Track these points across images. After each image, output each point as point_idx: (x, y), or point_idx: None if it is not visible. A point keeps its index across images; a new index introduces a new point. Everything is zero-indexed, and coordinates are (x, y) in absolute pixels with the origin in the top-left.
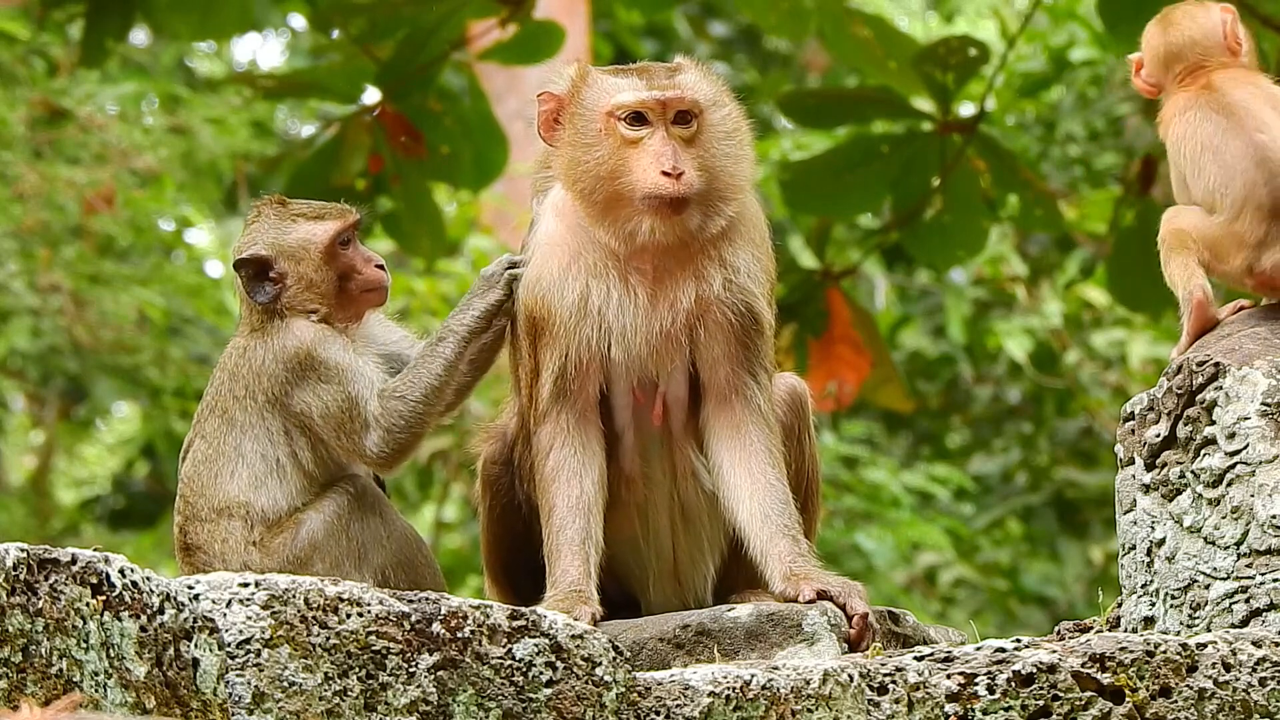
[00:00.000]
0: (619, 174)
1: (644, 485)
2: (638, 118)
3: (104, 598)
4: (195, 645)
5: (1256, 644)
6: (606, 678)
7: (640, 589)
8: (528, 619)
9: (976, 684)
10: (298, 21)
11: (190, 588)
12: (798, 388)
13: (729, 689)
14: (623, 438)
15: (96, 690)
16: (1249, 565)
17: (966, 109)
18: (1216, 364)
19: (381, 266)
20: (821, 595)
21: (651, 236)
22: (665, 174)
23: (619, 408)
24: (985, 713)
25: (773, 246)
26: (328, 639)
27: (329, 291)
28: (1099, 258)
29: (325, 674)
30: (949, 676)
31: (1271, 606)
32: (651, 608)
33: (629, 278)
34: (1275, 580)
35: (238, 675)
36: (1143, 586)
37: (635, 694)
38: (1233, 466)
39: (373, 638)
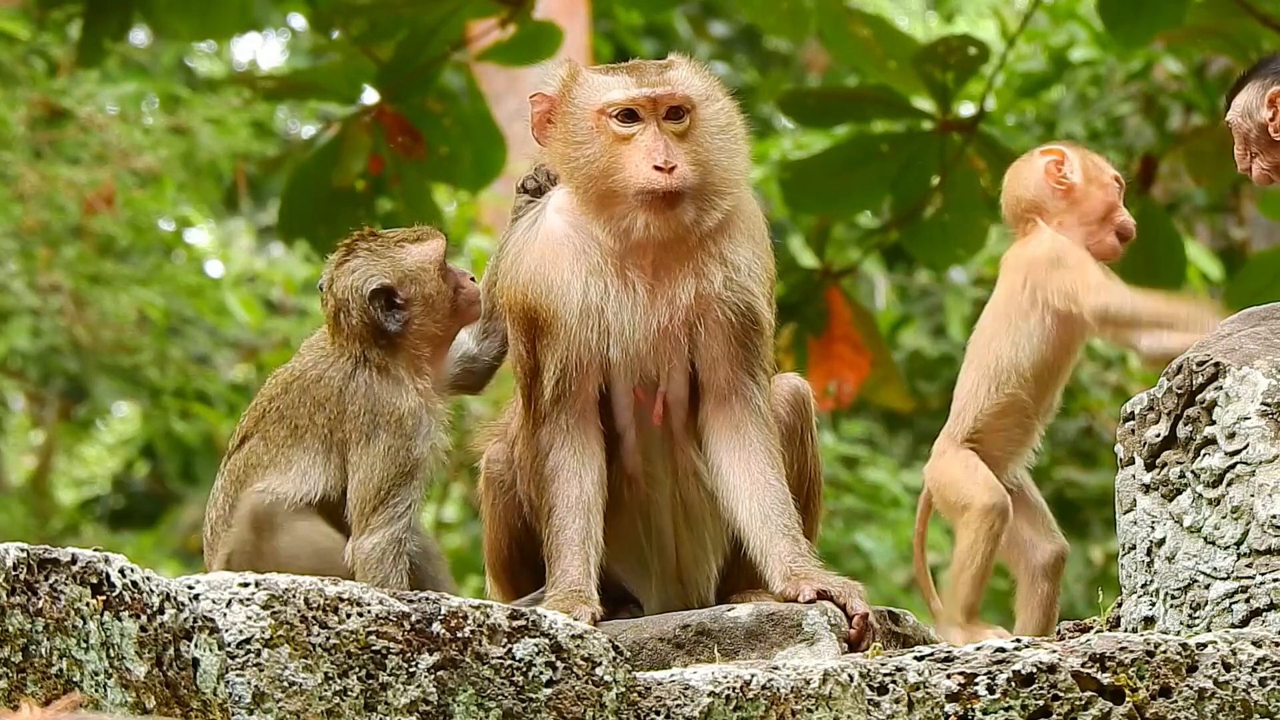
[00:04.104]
0: (612, 171)
1: (646, 485)
2: (629, 115)
3: (104, 598)
4: (195, 645)
5: (1256, 644)
6: (606, 678)
7: (643, 589)
8: (528, 619)
9: (976, 684)
10: (298, 21)
11: (190, 588)
12: (800, 388)
13: (729, 689)
14: (624, 437)
15: (96, 690)
16: (1249, 565)
17: (966, 109)
18: (1216, 364)
19: (473, 279)
20: (822, 595)
21: (646, 232)
22: (657, 168)
23: (620, 408)
24: (985, 713)
25: (772, 246)
26: (328, 639)
27: (445, 310)
28: None
29: (325, 674)
30: (949, 676)
31: (1271, 606)
32: (655, 608)
33: (627, 274)
34: (1275, 580)
35: (238, 675)
36: (1143, 586)
37: (635, 694)
38: (1233, 466)
39: (373, 637)
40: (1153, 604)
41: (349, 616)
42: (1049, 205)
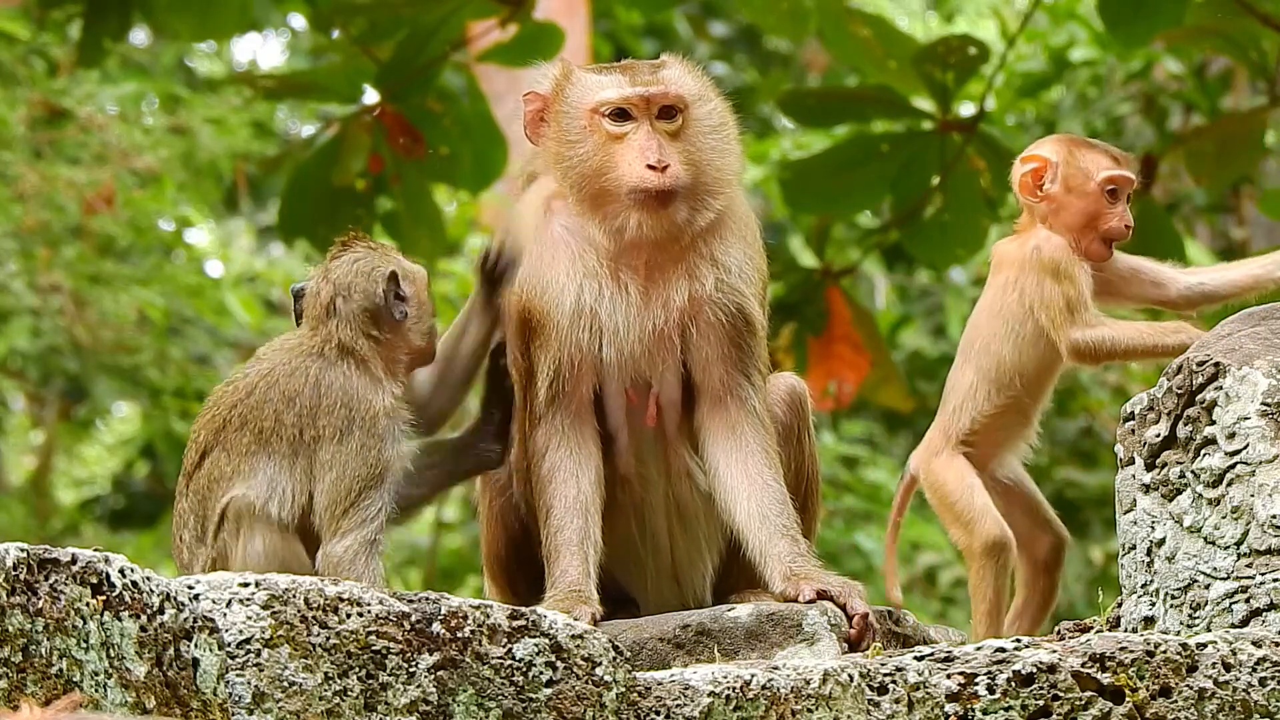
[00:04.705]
0: (605, 170)
1: (639, 486)
2: (622, 114)
3: (104, 598)
4: (195, 645)
5: (1256, 644)
6: (606, 678)
7: (639, 590)
8: (528, 619)
9: (976, 684)
10: (298, 21)
11: (190, 588)
12: (797, 387)
13: (729, 689)
14: (617, 439)
15: (96, 690)
16: (1249, 565)
17: (966, 109)
18: (1216, 364)
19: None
20: (822, 595)
21: (639, 231)
22: (650, 167)
23: (612, 409)
24: (985, 712)
25: (773, 246)
26: (328, 639)
27: (428, 325)
28: None
29: (325, 674)
30: (949, 676)
31: (1271, 606)
32: (651, 608)
33: (620, 275)
34: (1275, 580)
35: (238, 675)
36: (1143, 586)
37: (635, 694)
38: (1233, 466)
39: (373, 637)
40: (1153, 604)
41: (349, 616)
42: (1033, 209)
